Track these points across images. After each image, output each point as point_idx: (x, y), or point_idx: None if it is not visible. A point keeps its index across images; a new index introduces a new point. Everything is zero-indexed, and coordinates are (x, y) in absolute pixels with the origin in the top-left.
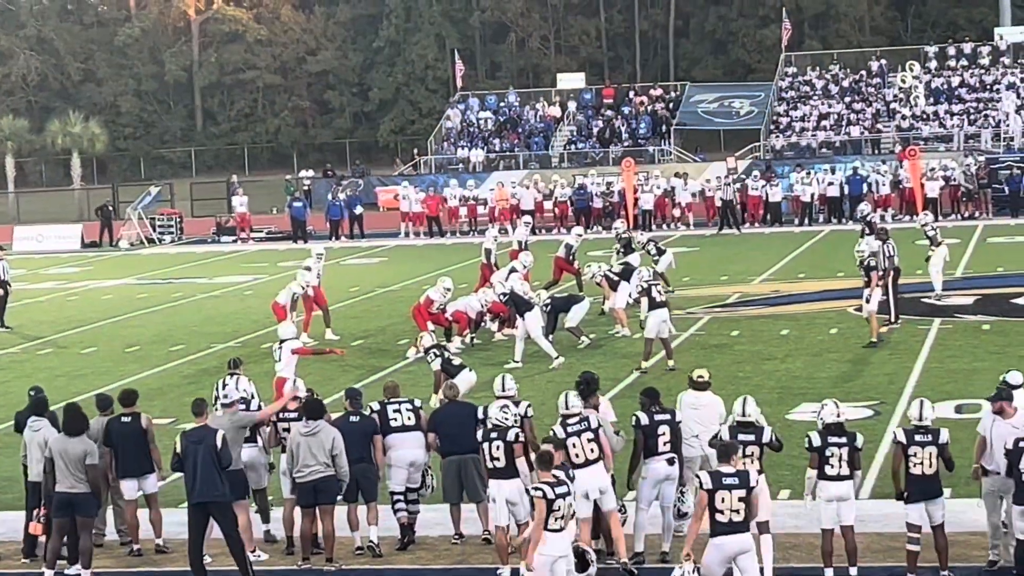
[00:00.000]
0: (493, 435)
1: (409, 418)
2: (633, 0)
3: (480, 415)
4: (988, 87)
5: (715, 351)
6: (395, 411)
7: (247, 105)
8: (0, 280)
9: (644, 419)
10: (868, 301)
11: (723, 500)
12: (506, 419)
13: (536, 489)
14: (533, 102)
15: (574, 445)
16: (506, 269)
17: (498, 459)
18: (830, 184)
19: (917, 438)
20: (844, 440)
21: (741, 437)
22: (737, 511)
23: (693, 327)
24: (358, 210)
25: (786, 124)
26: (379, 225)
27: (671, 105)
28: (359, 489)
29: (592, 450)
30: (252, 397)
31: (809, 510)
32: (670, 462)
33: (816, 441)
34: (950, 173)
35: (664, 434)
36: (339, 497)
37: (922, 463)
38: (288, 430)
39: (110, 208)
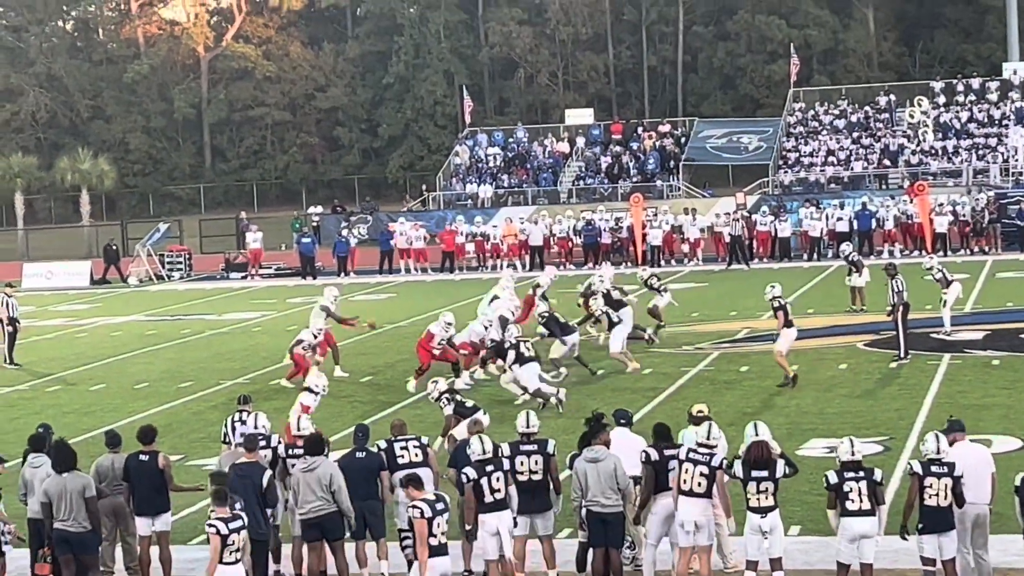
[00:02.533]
0: (490, 468)
1: (416, 455)
2: (641, 36)
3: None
4: (996, 122)
5: (724, 387)
6: (402, 448)
7: (256, 142)
8: (9, 317)
9: (654, 454)
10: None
11: (438, 525)
12: (484, 453)
13: (210, 526)
14: (541, 138)
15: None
16: (488, 295)
17: (498, 491)
18: (839, 219)
19: (933, 469)
20: (862, 474)
21: (755, 473)
22: (444, 533)
23: (702, 363)
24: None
25: (795, 159)
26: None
27: (679, 140)
28: (367, 526)
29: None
30: (271, 434)
31: (833, 544)
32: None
33: (833, 479)
34: (959, 208)
35: (674, 469)
36: (347, 533)
37: (937, 495)
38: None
39: (115, 247)
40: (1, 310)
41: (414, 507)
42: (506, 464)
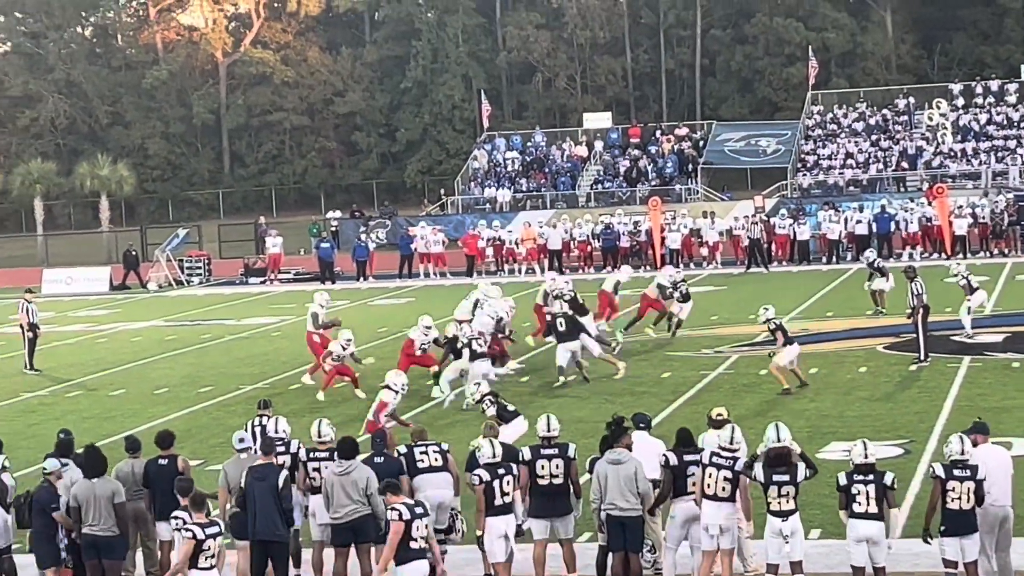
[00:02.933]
0: (501, 471)
1: (436, 460)
2: (659, 39)
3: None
4: (1015, 124)
5: (744, 390)
6: (422, 453)
7: (275, 147)
8: (29, 323)
9: (673, 459)
10: (772, 356)
11: (417, 529)
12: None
13: (187, 530)
14: (560, 142)
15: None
16: (470, 300)
17: (508, 494)
18: (858, 222)
19: (956, 472)
20: (871, 478)
21: (775, 477)
22: (426, 538)
23: (721, 366)
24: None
25: (813, 162)
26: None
27: (698, 144)
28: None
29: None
30: (290, 439)
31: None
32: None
33: (843, 480)
34: (978, 211)
35: (693, 475)
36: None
37: (960, 498)
38: (318, 470)
39: (134, 252)
40: (21, 316)
41: (392, 509)
42: (514, 468)
